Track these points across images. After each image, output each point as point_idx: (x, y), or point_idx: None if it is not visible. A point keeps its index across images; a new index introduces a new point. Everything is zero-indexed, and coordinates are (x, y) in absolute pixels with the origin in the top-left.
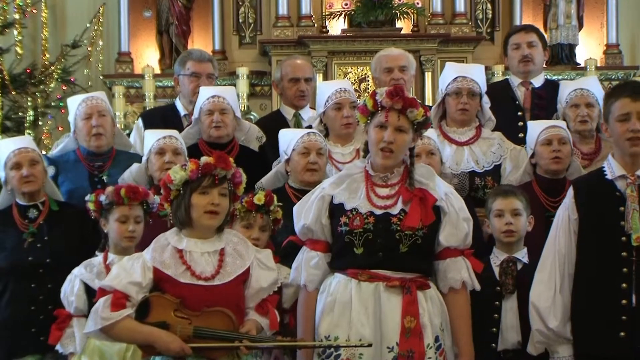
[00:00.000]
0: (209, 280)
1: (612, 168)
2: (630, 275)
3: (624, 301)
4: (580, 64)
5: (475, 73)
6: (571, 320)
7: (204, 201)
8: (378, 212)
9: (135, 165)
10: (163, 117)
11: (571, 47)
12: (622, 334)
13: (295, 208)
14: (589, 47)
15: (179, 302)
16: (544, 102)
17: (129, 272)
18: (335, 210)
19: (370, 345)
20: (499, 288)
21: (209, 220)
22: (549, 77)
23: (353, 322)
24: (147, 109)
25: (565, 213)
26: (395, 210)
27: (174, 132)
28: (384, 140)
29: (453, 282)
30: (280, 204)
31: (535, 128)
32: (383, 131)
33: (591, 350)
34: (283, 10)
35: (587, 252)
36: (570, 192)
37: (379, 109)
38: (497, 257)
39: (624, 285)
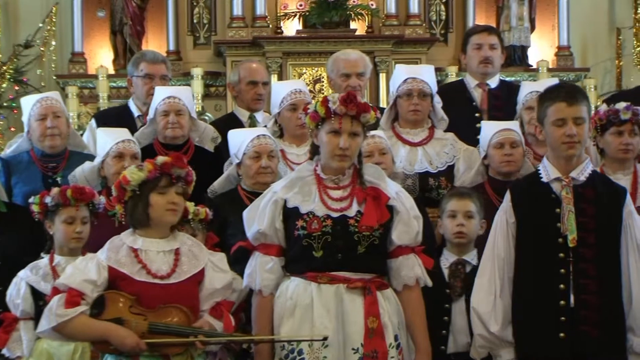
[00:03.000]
0: (164, 279)
1: (547, 170)
2: (567, 276)
3: (562, 302)
4: (532, 66)
5: (426, 74)
6: (512, 323)
7: (163, 200)
8: (335, 214)
9: (87, 164)
10: (116, 117)
11: (523, 49)
12: (561, 335)
13: (245, 213)
14: (541, 49)
15: (134, 299)
16: (501, 102)
17: (83, 270)
18: (290, 214)
19: (325, 338)
20: (448, 290)
21: (169, 217)
22: (503, 78)
23: (316, 325)
24: (101, 109)
25: (503, 217)
26: (351, 212)
27: (129, 134)
28: (340, 147)
29: (407, 280)
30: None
31: (488, 130)
32: (337, 137)
33: (532, 352)
34: (238, 10)
35: (526, 254)
36: (507, 195)
37: (332, 115)
38: (446, 259)
39: (562, 286)
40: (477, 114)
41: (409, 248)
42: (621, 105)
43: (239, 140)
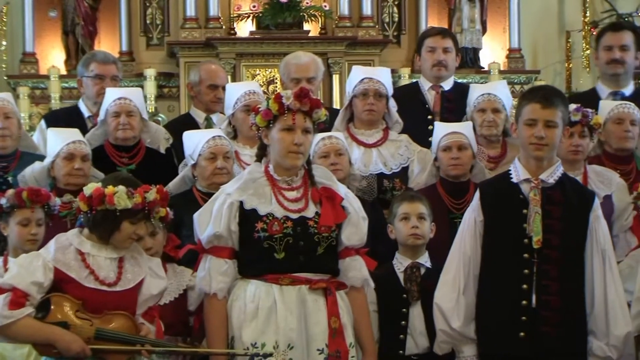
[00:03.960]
0: (112, 286)
1: (518, 171)
2: (531, 277)
3: (524, 302)
4: (484, 68)
5: (382, 75)
6: (475, 320)
7: (130, 229)
8: (293, 216)
9: (37, 164)
10: (66, 118)
11: (475, 51)
12: (522, 334)
13: (196, 216)
14: (492, 51)
15: (80, 303)
16: (454, 105)
17: (29, 271)
18: (248, 216)
19: (270, 355)
20: (405, 295)
21: (128, 244)
22: (458, 80)
23: (280, 327)
24: (53, 110)
25: (472, 215)
26: (309, 213)
27: (79, 135)
28: (295, 143)
29: (355, 281)
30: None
31: (438, 132)
32: (291, 134)
33: (493, 349)
34: (191, 11)
35: (492, 253)
36: (476, 194)
37: (285, 112)
38: (400, 263)
39: (524, 286)
40: (429, 116)
41: (355, 249)
42: (571, 107)
43: (194, 141)
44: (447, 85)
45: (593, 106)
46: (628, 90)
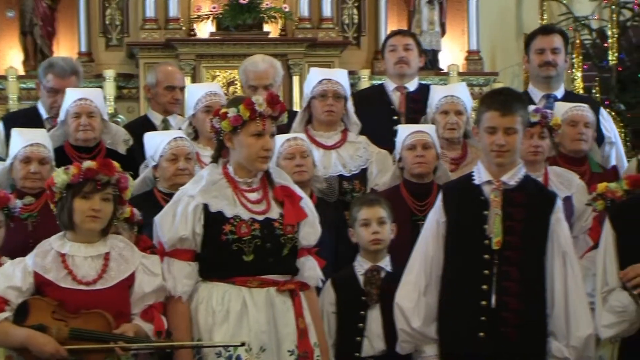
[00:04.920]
0: (90, 285)
1: (480, 173)
2: (490, 278)
3: (483, 302)
4: (443, 70)
5: (340, 76)
6: (437, 320)
7: (84, 206)
8: (259, 217)
9: None
10: (25, 119)
11: (434, 53)
12: (481, 334)
13: (158, 219)
14: (451, 53)
15: (56, 304)
16: (419, 105)
17: (9, 276)
18: (214, 219)
19: (243, 344)
20: (364, 298)
21: (90, 224)
22: (423, 81)
23: (252, 330)
24: (11, 111)
25: (434, 217)
26: (274, 215)
27: (43, 137)
28: (265, 149)
29: (310, 280)
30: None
31: (402, 133)
32: (260, 139)
33: (454, 349)
34: (150, 12)
35: (453, 254)
36: (439, 196)
37: (257, 117)
38: (361, 266)
39: (484, 286)
40: (395, 117)
41: (307, 249)
42: (530, 108)
43: (156, 142)
44: (411, 86)
45: None
46: (559, 92)
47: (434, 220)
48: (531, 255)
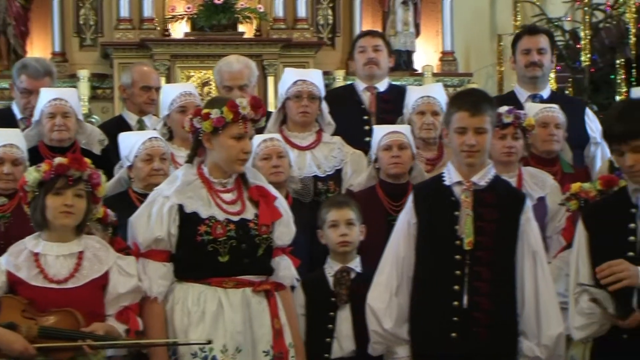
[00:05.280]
0: (61, 284)
1: (451, 174)
2: (462, 278)
3: (455, 303)
4: (417, 70)
5: (315, 77)
6: (409, 321)
7: (57, 202)
8: (234, 218)
9: None
10: None
11: (409, 54)
12: (453, 334)
13: (133, 220)
14: (426, 54)
15: (27, 302)
16: (389, 105)
17: None
18: (189, 220)
19: (209, 342)
20: (333, 298)
21: (63, 220)
22: (393, 82)
23: (228, 330)
24: None
25: (405, 217)
26: (249, 215)
27: (15, 138)
28: (245, 152)
29: (285, 280)
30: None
31: (378, 133)
32: (240, 142)
33: (425, 350)
34: (125, 12)
35: (424, 255)
36: (410, 196)
37: (239, 120)
38: (331, 268)
39: (456, 287)
40: (365, 117)
41: (282, 249)
42: (503, 109)
43: (130, 143)
44: (381, 86)
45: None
46: (545, 93)
47: (405, 221)
48: (502, 255)
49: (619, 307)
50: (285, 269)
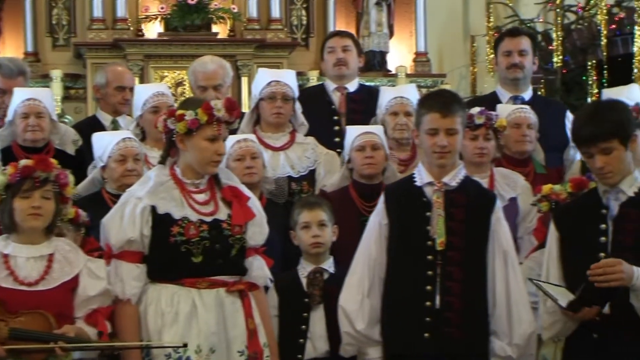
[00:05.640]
0: (32, 286)
1: (422, 175)
2: (434, 278)
3: (428, 303)
4: (391, 71)
5: (288, 78)
6: (381, 322)
7: (25, 204)
8: (207, 219)
9: None
10: None
11: (382, 54)
12: (426, 335)
13: (105, 222)
14: (399, 55)
15: None
16: (359, 106)
17: None
18: (162, 221)
19: (185, 345)
20: (307, 299)
21: (31, 222)
22: (363, 82)
23: (202, 331)
24: None
25: (376, 219)
26: (222, 216)
27: None
28: (219, 153)
29: (259, 280)
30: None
31: (351, 134)
32: (214, 143)
33: (398, 351)
34: (98, 12)
35: (396, 256)
36: (381, 197)
37: (214, 121)
38: (304, 269)
39: (428, 287)
40: (335, 117)
41: (255, 249)
42: (475, 110)
43: (104, 143)
44: (352, 87)
45: (493, 110)
46: (527, 94)
47: (376, 222)
48: (473, 255)
49: (574, 301)
50: (259, 269)
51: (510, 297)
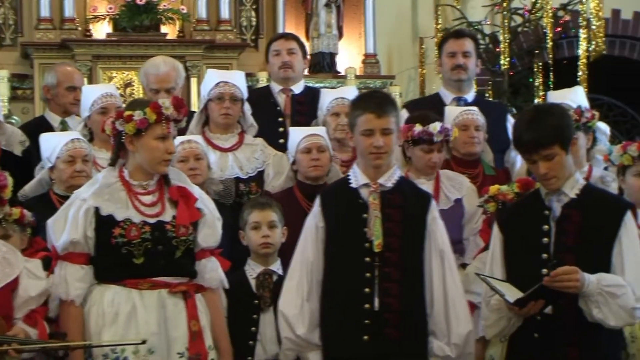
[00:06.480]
0: None
1: (357, 176)
2: (372, 280)
3: (367, 305)
4: (340, 73)
5: (237, 79)
6: (320, 326)
7: None
8: (151, 220)
9: None
10: None
11: (332, 56)
12: (365, 337)
13: (51, 223)
14: (349, 56)
15: None
16: (304, 108)
17: None
18: (105, 222)
19: (144, 342)
20: (257, 301)
21: None
22: (309, 84)
23: (141, 332)
24: None
25: (313, 221)
26: (167, 217)
27: None
28: (169, 152)
29: (212, 282)
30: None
31: (296, 135)
32: (164, 142)
33: (337, 354)
34: (45, 12)
35: (334, 258)
36: (317, 200)
37: (163, 120)
38: (252, 270)
39: (367, 290)
40: (280, 119)
41: (209, 250)
42: (436, 128)
43: (52, 144)
44: (297, 88)
45: (437, 111)
46: (470, 96)
47: (313, 225)
48: (410, 256)
49: (522, 298)
50: (212, 271)
51: (448, 296)
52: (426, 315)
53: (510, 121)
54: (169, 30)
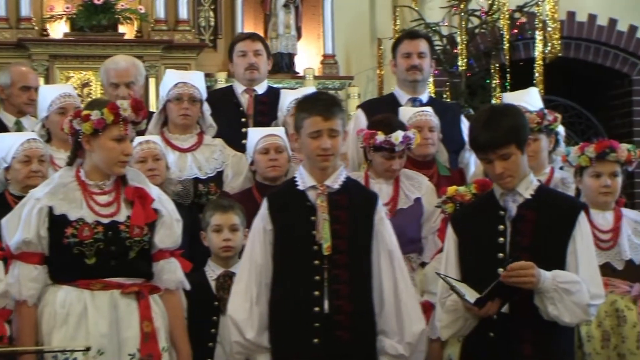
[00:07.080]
0: None
1: (304, 179)
2: (322, 283)
3: (316, 308)
4: (299, 73)
5: (196, 79)
6: (269, 329)
7: None
8: (105, 220)
9: None
10: None
11: (290, 56)
12: (315, 340)
13: (4, 222)
14: (307, 57)
15: None
16: (267, 108)
17: None
18: (58, 222)
19: (88, 349)
20: (217, 303)
21: None
22: (271, 84)
23: (91, 333)
24: None
25: (260, 224)
26: (121, 217)
27: None
28: (125, 154)
29: (169, 283)
30: None
31: (254, 136)
32: (122, 143)
33: (287, 357)
34: (1, 11)
35: (282, 261)
36: (264, 203)
37: (120, 121)
38: (213, 271)
39: (316, 292)
40: (243, 119)
41: (169, 251)
42: (397, 138)
43: (8, 144)
44: (260, 89)
45: (392, 111)
46: (424, 96)
47: (261, 227)
48: (358, 256)
49: (481, 298)
50: (170, 272)
51: (399, 296)
52: (375, 315)
53: (465, 122)
54: (127, 30)
